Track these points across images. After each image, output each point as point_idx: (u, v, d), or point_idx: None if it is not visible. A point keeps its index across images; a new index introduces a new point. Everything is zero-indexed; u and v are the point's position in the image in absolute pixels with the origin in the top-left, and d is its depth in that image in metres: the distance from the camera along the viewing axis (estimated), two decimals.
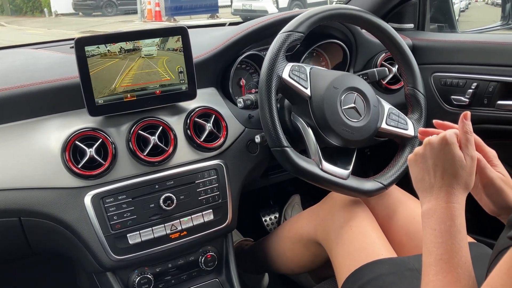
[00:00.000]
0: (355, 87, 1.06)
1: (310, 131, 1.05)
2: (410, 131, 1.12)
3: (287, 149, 0.98)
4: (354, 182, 1.05)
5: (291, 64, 1.02)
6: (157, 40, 1.01)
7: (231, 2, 11.87)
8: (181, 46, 1.04)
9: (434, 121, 0.84)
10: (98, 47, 0.96)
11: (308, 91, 1.03)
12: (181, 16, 12.00)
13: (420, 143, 1.03)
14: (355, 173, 1.08)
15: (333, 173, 1.02)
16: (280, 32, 1.02)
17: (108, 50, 0.98)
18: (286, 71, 1.00)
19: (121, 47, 0.99)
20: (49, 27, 12.53)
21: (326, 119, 1.02)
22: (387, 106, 1.12)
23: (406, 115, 1.14)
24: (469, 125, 0.75)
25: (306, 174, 1.00)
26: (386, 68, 1.28)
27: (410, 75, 1.14)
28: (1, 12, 17.01)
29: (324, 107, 1.02)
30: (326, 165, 1.02)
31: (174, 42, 1.03)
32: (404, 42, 1.14)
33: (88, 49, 0.95)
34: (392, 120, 1.10)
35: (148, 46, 1.01)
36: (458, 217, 0.70)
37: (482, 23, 1.68)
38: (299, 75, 1.02)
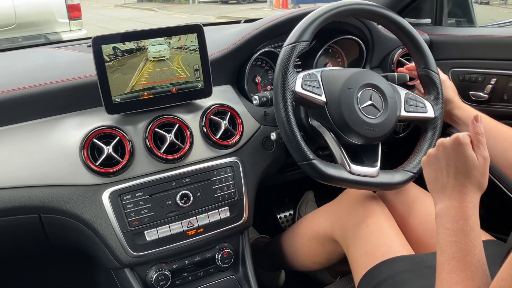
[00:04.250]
0: (369, 83, 1.05)
1: (331, 135, 1.04)
2: (430, 113, 1.10)
3: (314, 161, 0.98)
4: (385, 177, 1.04)
5: (301, 74, 1.01)
6: (163, 39, 1.02)
7: None
8: (184, 44, 1.04)
9: None
10: (115, 45, 0.97)
11: (323, 98, 1.02)
12: (306, 4, 12.35)
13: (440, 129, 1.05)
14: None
15: (363, 174, 1.02)
16: (284, 45, 1.01)
17: (124, 49, 0.98)
18: (299, 83, 0.99)
19: (136, 46, 0.99)
20: (191, 12, 14.44)
21: (346, 121, 1.01)
22: (403, 92, 1.11)
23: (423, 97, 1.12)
24: (480, 127, 0.75)
25: (337, 180, 1.00)
26: (407, 75, 1.25)
27: (420, 55, 1.12)
28: None
29: (342, 109, 1.01)
30: (354, 167, 1.01)
31: (177, 40, 1.03)
32: (407, 22, 1.12)
33: (105, 47, 0.96)
34: (411, 106, 1.09)
35: (157, 45, 1.01)
36: (471, 216, 0.70)
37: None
38: (312, 84, 1.01)
